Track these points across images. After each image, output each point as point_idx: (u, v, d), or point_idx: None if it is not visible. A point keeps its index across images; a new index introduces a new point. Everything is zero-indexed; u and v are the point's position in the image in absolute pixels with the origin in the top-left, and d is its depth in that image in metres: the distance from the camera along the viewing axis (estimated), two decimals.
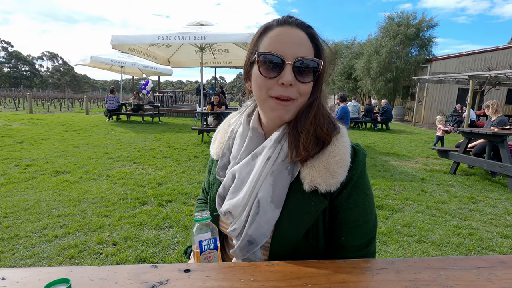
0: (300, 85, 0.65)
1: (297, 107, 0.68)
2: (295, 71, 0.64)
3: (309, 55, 0.65)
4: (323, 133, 0.68)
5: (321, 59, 0.67)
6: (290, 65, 0.63)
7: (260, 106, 0.72)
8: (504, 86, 14.61)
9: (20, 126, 8.62)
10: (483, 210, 3.47)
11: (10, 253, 2.27)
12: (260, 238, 0.68)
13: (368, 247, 0.70)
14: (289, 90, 0.64)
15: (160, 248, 2.42)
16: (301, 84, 0.65)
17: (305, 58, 0.64)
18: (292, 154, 0.67)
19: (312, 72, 0.66)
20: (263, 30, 0.69)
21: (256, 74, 0.67)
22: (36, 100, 22.50)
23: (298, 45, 0.65)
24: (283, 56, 0.64)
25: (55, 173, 4.34)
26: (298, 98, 0.66)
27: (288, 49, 0.64)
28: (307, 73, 0.65)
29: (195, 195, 3.65)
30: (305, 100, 0.68)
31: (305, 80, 0.65)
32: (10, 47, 66.77)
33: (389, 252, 2.48)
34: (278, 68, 0.64)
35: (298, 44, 0.65)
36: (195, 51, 8.90)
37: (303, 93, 0.66)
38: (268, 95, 0.66)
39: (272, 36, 0.66)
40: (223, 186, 0.74)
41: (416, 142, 8.82)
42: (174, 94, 19.99)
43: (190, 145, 6.98)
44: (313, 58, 0.65)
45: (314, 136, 0.67)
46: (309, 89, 0.67)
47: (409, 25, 17.13)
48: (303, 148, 0.66)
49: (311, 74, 0.66)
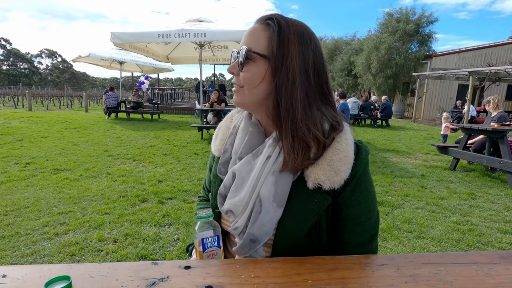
0: (241, 74, 0.69)
1: (245, 94, 0.69)
2: (240, 61, 0.68)
3: (258, 45, 0.66)
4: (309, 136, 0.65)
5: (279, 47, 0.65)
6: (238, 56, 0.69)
7: None
8: (504, 82, 14.57)
9: (19, 124, 8.61)
10: (482, 206, 3.48)
11: (11, 251, 2.27)
12: (263, 236, 0.68)
13: (371, 243, 0.71)
14: (235, 78, 0.70)
15: (160, 245, 2.43)
16: (241, 72, 0.69)
17: (241, 47, 0.68)
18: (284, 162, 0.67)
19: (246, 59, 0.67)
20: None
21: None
22: (35, 98, 22.44)
23: (247, 36, 0.68)
24: (236, 50, 0.71)
25: (55, 171, 4.34)
26: (244, 86, 0.69)
27: (241, 43, 0.70)
28: (245, 62, 0.67)
29: (195, 192, 3.66)
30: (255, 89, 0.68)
31: (242, 69, 0.68)
32: (9, 44, 66.55)
33: (389, 248, 2.49)
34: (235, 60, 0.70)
35: (248, 36, 0.68)
36: (194, 48, 8.88)
37: (245, 81, 0.68)
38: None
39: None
40: (224, 185, 0.74)
41: (416, 139, 8.82)
42: (174, 91, 19.96)
43: (190, 142, 6.98)
44: (243, 46, 0.67)
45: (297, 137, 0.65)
46: (248, 76, 0.67)
47: (408, 21, 17.05)
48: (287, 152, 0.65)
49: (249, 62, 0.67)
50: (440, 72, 13.98)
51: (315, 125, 0.66)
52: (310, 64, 0.67)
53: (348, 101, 10.31)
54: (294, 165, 0.65)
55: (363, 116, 12.02)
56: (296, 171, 0.67)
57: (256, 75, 0.66)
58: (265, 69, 0.66)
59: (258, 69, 0.66)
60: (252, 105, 0.70)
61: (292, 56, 0.65)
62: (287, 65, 0.65)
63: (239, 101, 0.71)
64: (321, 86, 0.69)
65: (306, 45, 0.66)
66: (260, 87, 0.67)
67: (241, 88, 0.70)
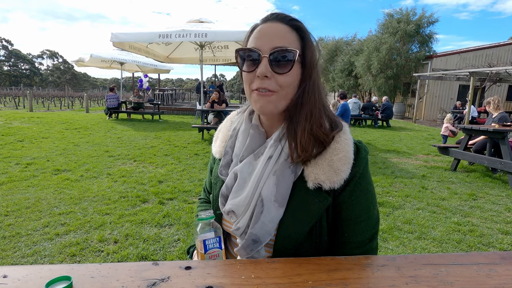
0: (278, 77, 0.65)
1: (280, 99, 0.66)
2: (272, 63, 0.64)
3: (290, 46, 0.64)
4: (320, 132, 0.67)
5: (306, 50, 0.66)
6: (266, 58, 0.64)
7: (249, 101, 0.73)
8: (505, 82, 14.54)
9: (20, 125, 8.62)
10: (483, 207, 3.48)
11: (12, 251, 2.28)
12: (265, 236, 0.68)
13: (371, 242, 0.71)
14: (267, 82, 0.65)
15: (161, 246, 2.43)
16: (278, 75, 0.65)
17: (280, 48, 0.63)
18: (293, 154, 0.67)
19: (290, 62, 0.64)
20: (251, 30, 0.70)
21: (242, 71, 0.69)
22: (36, 98, 22.48)
23: (275, 37, 0.65)
24: (259, 50, 0.65)
25: (56, 171, 4.35)
26: (279, 90, 0.65)
27: (265, 42, 0.65)
28: (284, 64, 0.64)
29: (195, 192, 3.66)
30: (291, 92, 0.67)
31: (282, 71, 0.64)
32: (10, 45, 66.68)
33: (389, 249, 2.49)
34: (257, 62, 0.65)
35: (275, 36, 0.65)
36: (195, 48, 8.88)
37: (282, 85, 0.65)
38: (251, 89, 0.68)
39: (255, 33, 0.68)
40: (226, 186, 0.74)
41: (417, 139, 8.81)
42: (174, 92, 19.98)
43: (190, 143, 6.98)
44: (289, 48, 0.63)
45: (311, 135, 0.67)
46: (289, 81, 0.65)
47: (408, 21, 17.05)
48: (301, 148, 0.66)
49: (290, 65, 0.65)
50: (440, 73, 13.97)
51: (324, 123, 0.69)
52: (320, 67, 0.70)
53: (349, 101, 10.31)
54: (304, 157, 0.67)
55: (364, 116, 12.02)
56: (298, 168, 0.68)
57: (296, 77, 0.67)
58: (300, 72, 0.67)
59: (297, 72, 0.67)
60: (282, 110, 0.69)
61: (314, 59, 0.68)
62: (316, 70, 0.68)
63: (274, 108, 0.67)
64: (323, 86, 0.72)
65: (318, 50, 0.70)
66: (294, 90, 0.68)
67: (273, 93, 0.65)
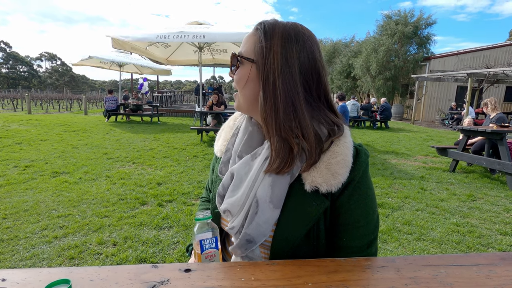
0: (234, 77, 0.73)
1: (239, 97, 0.73)
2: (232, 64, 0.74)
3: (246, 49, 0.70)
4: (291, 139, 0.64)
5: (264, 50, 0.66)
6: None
7: None
8: (503, 83, 14.61)
9: (18, 127, 8.60)
10: (482, 208, 3.48)
11: (10, 254, 2.26)
12: (259, 237, 0.68)
13: (370, 248, 0.69)
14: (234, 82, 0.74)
15: (160, 248, 2.42)
16: (233, 76, 0.73)
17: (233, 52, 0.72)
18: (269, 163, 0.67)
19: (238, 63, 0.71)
20: None
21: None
22: (35, 101, 22.41)
23: (242, 43, 0.73)
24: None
25: (54, 174, 4.33)
26: (238, 89, 0.72)
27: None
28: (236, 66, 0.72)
29: (194, 194, 3.65)
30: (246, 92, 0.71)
31: (234, 72, 0.73)
32: (8, 47, 66.60)
33: (389, 250, 2.49)
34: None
35: (242, 43, 0.73)
36: (194, 51, 8.89)
37: (237, 84, 0.72)
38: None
39: None
40: (222, 185, 0.75)
41: (415, 140, 8.83)
42: (173, 94, 19.98)
43: (189, 144, 6.97)
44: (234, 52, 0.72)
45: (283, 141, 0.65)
46: (236, 80, 0.72)
47: (406, 23, 17.14)
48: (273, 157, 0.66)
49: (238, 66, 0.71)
50: (438, 74, 14.03)
51: (300, 126, 0.64)
52: (294, 63, 0.65)
53: (347, 103, 10.33)
54: (278, 165, 0.65)
55: (362, 118, 12.04)
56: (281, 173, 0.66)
57: (242, 76, 0.70)
58: (248, 71, 0.69)
59: (244, 71, 0.70)
60: (244, 107, 0.73)
61: (272, 56, 0.65)
62: (268, 66, 0.65)
63: (236, 104, 0.75)
64: (310, 86, 0.67)
65: (290, 45, 0.65)
66: (247, 89, 0.70)
67: (237, 92, 0.74)
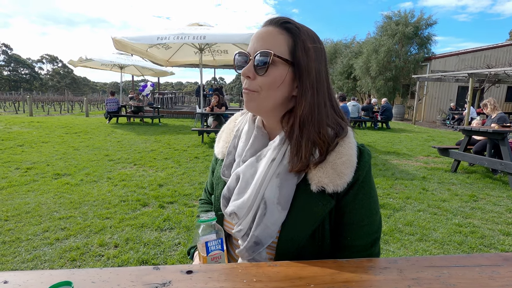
0: (258, 78, 0.67)
1: (262, 100, 0.68)
2: (255, 64, 0.66)
3: (278, 48, 0.65)
4: (319, 140, 0.67)
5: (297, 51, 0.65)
6: (252, 59, 0.67)
7: None
8: (504, 83, 14.59)
9: (20, 129, 8.62)
10: (484, 208, 3.47)
11: (12, 256, 2.27)
12: (267, 239, 0.68)
13: (373, 247, 0.70)
14: (249, 82, 0.68)
15: (161, 250, 2.42)
16: (259, 77, 0.66)
17: (260, 51, 0.65)
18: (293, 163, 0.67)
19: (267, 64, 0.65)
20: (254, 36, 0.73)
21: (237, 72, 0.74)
22: (36, 103, 22.48)
23: (262, 40, 0.66)
24: (248, 53, 0.68)
25: (55, 175, 4.34)
26: (260, 91, 0.67)
27: (254, 46, 0.68)
28: (262, 66, 0.66)
29: (196, 196, 3.65)
30: (274, 94, 0.67)
31: (261, 73, 0.66)
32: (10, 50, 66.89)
33: (391, 251, 2.48)
34: (245, 64, 0.68)
35: (262, 40, 0.66)
36: (194, 52, 8.89)
37: (262, 86, 0.66)
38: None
39: (251, 38, 0.70)
40: (228, 188, 0.74)
41: (417, 141, 8.82)
42: (174, 95, 20.04)
43: (190, 146, 6.98)
44: (265, 50, 0.65)
45: (309, 141, 0.67)
46: (267, 82, 0.66)
47: (407, 23, 17.13)
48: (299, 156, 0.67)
49: (266, 66, 0.65)
50: (439, 74, 14.02)
51: (324, 129, 0.68)
52: (323, 69, 0.68)
53: (348, 104, 10.33)
54: (301, 165, 0.66)
55: (363, 118, 12.02)
56: (300, 172, 0.68)
57: (278, 79, 0.66)
58: (285, 74, 0.66)
59: (279, 73, 0.66)
60: (269, 110, 0.70)
61: (311, 62, 0.66)
62: (308, 71, 0.66)
63: (255, 106, 0.70)
64: (330, 91, 0.71)
65: (319, 52, 0.68)
66: (278, 92, 0.67)
67: (255, 93, 0.68)
